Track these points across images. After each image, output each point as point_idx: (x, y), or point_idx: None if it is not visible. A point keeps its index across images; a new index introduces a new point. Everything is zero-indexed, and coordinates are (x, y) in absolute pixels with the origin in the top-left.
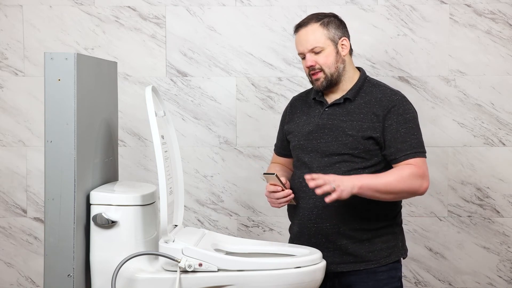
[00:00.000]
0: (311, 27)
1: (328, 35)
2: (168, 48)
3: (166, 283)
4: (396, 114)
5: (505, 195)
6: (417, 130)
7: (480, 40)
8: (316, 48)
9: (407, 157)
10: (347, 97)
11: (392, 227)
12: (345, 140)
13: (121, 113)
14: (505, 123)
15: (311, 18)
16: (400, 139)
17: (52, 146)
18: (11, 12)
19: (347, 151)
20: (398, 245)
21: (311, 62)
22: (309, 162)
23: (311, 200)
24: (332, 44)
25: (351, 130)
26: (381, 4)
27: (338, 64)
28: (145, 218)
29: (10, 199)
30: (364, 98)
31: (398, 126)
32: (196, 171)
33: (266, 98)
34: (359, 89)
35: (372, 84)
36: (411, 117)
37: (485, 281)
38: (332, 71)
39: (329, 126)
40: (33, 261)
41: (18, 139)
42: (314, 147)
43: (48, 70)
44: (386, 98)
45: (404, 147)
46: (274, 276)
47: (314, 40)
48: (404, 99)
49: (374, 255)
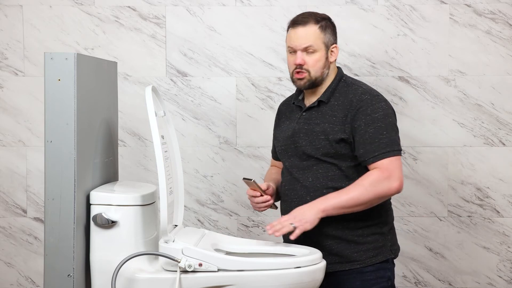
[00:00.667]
0: (310, 27)
1: (324, 40)
2: (168, 48)
3: (166, 283)
4: (364, 114)
5: (505, 195)
6: (388, 128)
7: (480, 40)
8: (310, 48)
9: (375, 159)
10: (321, 99)
11: (379, 227)
12: (317, 144)
13: (121, 113)
14: (505, 123)
15: (310, 18)
16: (368, 140)
17: (52, 146)
18: (11, 12)
19: (320, 155)
20: (387, 245)
21: (301, 61)
22: (289, 166)
23: (293, 204)
24: (325, 49)
25: (323, 134)
26: (381, 4)
27: (324, 69)
28: (145, 218)
29: (10, 199)
30: (338, 99)
31: (366, 127)
32: (196, 171)
33: (266, 98)
34: (333, 90)
35: (347, 84)
36: (380, 116)
37: (485, 281)
38: (318, 75)
39: (305, 130)
40: (33, 261)
41: (18, 139)
42: (293, 151)
43: (48, 70)
44: (356, 98)
45: (372, 148)
46: (274, 276)
47: (310, 40)
48: (373, 98)
49: (359, 255)
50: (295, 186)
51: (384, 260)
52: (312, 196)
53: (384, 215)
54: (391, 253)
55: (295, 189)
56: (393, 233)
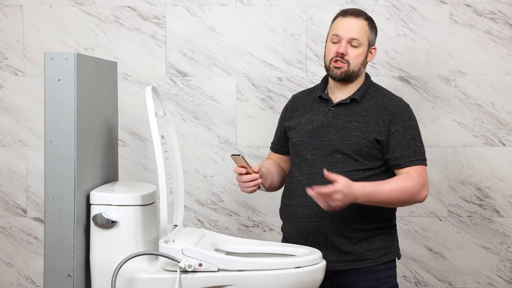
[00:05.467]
0: (361, 21)
1: (369, 37)
2: (168, 48)
3: (166, 283)
4: (402, 120)
5: (505, 195)
6: (420, 138)
7: (480, 40)
8: (355, 41)
9: (411, 164)
10: (354, 97)
11: (388, 227)
12: (349, 140)
13: (121, 113)
14: (505, 123)
15: (361, 13)
16: (405, 145)
17: (52, 146)
18: (11, 12)
19: (351, 151)
20: (394, 245)
21: (344, 51)
22: (311, 159)
23: (310, 198)
24: (368, 46)
25: (357, 131)
26: (381, 4)
27: (362, 67)
28: (145, 218)
29: (10, 199)
30: (370, 101)
31: (403, 132)
32: (196, 171)
33: (266, 98)
34: (365, 91)
35: (377, 89)
36: (415, 125)
37: (485, 281)
38: (356, 69)
39: (334, 125)
40: (33, 261)
41: (18, 139)
42: (317, 144)
43: (48, 70)
44: (393, 103)
45: (408, 153)
46: (274, 276)
47: (359, 33)
48: (408, 107)
49: (372, 253)
50: (317, 181)
51: (392, 260)
52: None
53: (393, 216)
54: (397, 253)
55: (316, 183)
56: (396, 235)
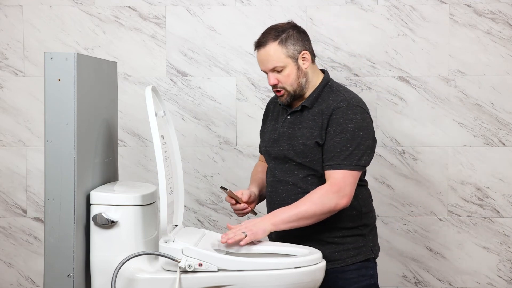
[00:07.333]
0: (270, 46)
1: (287, 53)
2: (168, 48)
3: (166, 283)
4: (336, 122)
5: (505, 195)
6: (354, 142)
7: (480, 40)
8: (277, 67)
9: (330, 168)
10: (304, 104)
11: (359, 229)
12: (297, 148)
13: (121, 113)
14: (505, 123)
15: (269, 36)
16: (331, 147)
17: (52, 146)
18: (11, 12)
19: (300, 159)
20: (368, 245)
21: (274, 81)
22: (273, 167)
23: (276, 205)
24: (292, 61)
25: (302, 138)
26: (381, 4)
27: (300, 80)
28: (145, 218)
29: (10, 199)
30: (320, 105)
31: (333, 135)
32: (196, 171)
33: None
34: (317, 96)
35: (332, 90)
36: (350, 128)
37: (485, 281)
38: (295, 88)
39: (288, 134)
40: (33, 261)
41: (18, 139)
42: (276, 154)
43: (48, 70)
44: (333, 105)
45: (330, 156)
46: (274, 276)
47: (274, 60)
48: (350, 108)
49: (340, 255)
50: (278, 189)
51: (365, 259)
52: (293, 199)
53: (365, 218)
54: (372, 253)
55: (277, 191)
56: (374, 234)
